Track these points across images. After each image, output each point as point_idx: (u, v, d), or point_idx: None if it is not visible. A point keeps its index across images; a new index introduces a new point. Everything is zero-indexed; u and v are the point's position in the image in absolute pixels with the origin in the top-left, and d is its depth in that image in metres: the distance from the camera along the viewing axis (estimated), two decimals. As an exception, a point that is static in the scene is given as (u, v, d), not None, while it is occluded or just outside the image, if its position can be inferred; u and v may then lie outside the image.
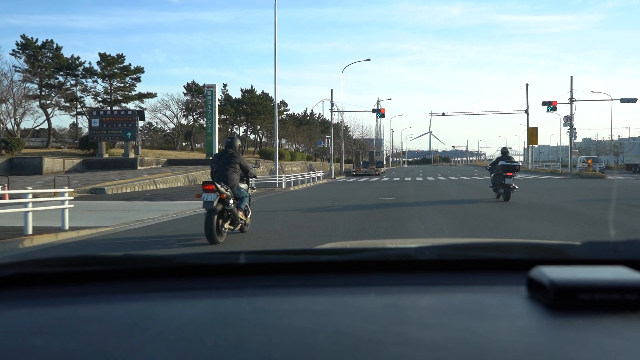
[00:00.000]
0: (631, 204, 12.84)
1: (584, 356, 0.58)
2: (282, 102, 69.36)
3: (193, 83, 53.64)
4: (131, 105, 47.39)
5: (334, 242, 4.48)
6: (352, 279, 0.95)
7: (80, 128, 51.41)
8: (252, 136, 66.73)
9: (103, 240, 8.41)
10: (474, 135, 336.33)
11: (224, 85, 59.87)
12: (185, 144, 54.99)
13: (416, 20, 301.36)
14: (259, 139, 66.96)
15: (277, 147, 26.00)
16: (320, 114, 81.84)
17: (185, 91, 54.11)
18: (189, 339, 0.65)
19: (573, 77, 37.40)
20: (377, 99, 66.38)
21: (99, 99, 48.88)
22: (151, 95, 49.89)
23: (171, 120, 55.00)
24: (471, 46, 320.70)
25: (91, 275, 0.95)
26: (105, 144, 38.13)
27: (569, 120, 38.77)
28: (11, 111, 38.81)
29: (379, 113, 45.47)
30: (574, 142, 77.69)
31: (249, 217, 8.33)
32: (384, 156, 67.65)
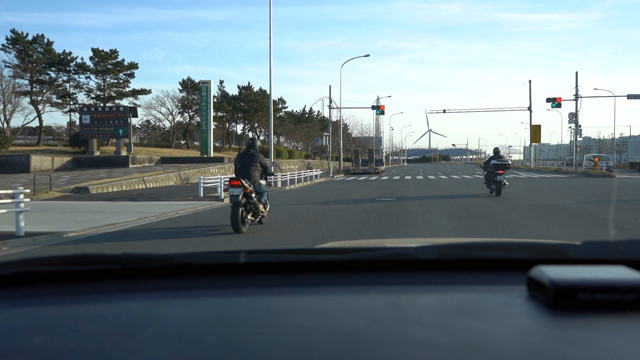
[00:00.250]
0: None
1: (584, 356, 0.58)
2: (280, 100, 68.19)
3: (189, 79, 52.38)
4: (125, 102, 46.18)
5: (333, 242, 4.14)
6: (352, 278, 0.95)
7: (77, 125, 50.28)
8: (250, 134, 65.59)
9: (57, 248, 7.31)
10: (474, 134, 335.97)
11: (220, 81, 58.75)
12: (184, 142, 53.73)
13: (416, 18, 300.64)
14: (256, 137, 65.78)
15: (272, 144, 24.92)
16: (319, 111, 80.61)
17: (180, 88, 52.87)
18: (189, 338, 0.64)
19: (574, 75, 36.25)
20: (377, 97, 65.22)
21: (92, 95, 47.76)
22: (145, 92, 48.74)
23: (166, 117, 53.85)
24: (471, 44, 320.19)
25: (91, 274, 0.95)
26: (97, 141, 36.99)
27: (574, 117, 37.68)
28: (0, 108, 37.70)
29: (378, 110, 44.34)
30: (573, 142, 77.33)
31: (267, 209, 9.06)
32: (384, 154, 66.52)
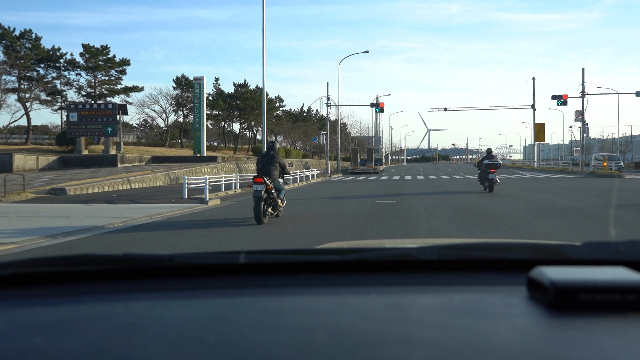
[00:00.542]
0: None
1: (584, 356, 0.58)
2: (277, 98, 66.76)
3: (183, 77, 50.93)
4: (117, 100, 44.74)
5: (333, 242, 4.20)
6: (353, 278, 0.95)
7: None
8: (248, 133, 64.18)
9: None
10: (474, 133, 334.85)
11: (215, 79, 57.55)
12: (184, 140, 52.20)
13: (415, 17, 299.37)
14: (252, 136, 64.29)
15: (265, 141, 23.53)
16: (317, 110, 79.18)
17: (175, 85, 51.44)
18: (189, 338, 0.64)
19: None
20: (376, 96, 63.82)
21: (83, 92, 46.32)
22: (137, 89, 47.29)
23: (160, 115, 52.42)
24: (470, 44, 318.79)
25: (91, 274, 0.95)
26: (85, 139, 35.55)
27: (580, 115, 36.33)
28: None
29: (377, 107, 42.95)
30: (575, 141, 75.79)
31: (284, 204, 10.08)
32: (383, 154, 65.14)
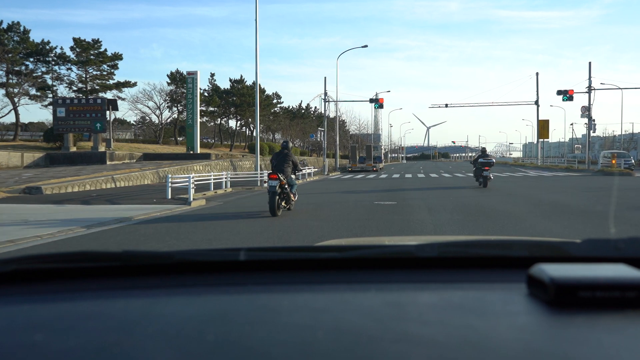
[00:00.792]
0: None
1: (584, 353, 0.58)
2: (275, 94, 65.49)
3: (177, 72, 49.57)
4: (109, 95, 43.48)
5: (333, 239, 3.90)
6: (352, 276, 0.94)
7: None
8: (246, 131, 62.92)
9: None
10: (474, 131, 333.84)
11: (211, 74, 55.84)
12: (179, 138, 50.80)
13: (414, 15, 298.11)
14: (250, 133, 62.95)
15: (258, 137, 22.34)
16: (316, 107, 77.90)
17: (169, 81, 50.13)
18: (189, 335, 0.64)
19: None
20: (376, 93, 62.54)
21: (74, 87, 45.02)
22: (130, 84, 45.94)
23: (154, 111, 51.11)
24: (469, 41, 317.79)
25: (91, 271, 0.94)
26: (73, 136, 34.25)
27: (586, 111, 35.11)
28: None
29: (376, 103, 41.66)
30: (576, 139, 74.46)
31: (296, 198, 11.01)
32: (382, 151, 63.84)
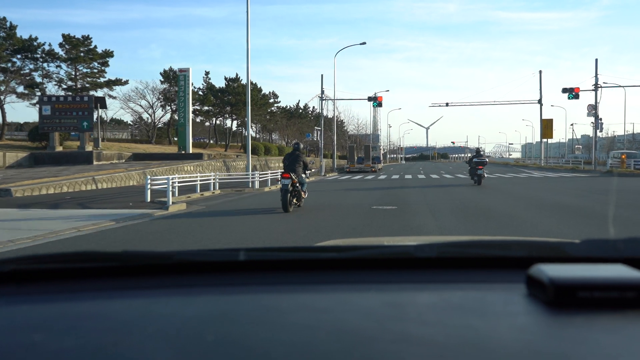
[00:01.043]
0: None
1: (583, 353, 0.58)
2: (272, 94, 64.18)
3: (170, 70, 48.14)
4: (100, 94, 42.08)
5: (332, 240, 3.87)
6: (352, 276, 0.94)
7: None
8: (244, 131, 61.52)
9: None
10: (473, 132, 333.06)
11: (205, 73, 54.82)
12: (175, 138, 49.37)
13: (413, 16, 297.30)
14: (246, 132, 61.58)
15: (249, 137, 21.03)
16: (314, 107, 76.47)
17: (162, 79, 48.73)
18: (189, 335, 0.64)
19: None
20: (374, 93, 61.15)
21: (63, 86, 43.58)
22: (121, 83, 44.55)
23: (146, 110, 49.72)
24: (468, 43, 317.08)
25: (90, 271, 0.94)
26: (60, 135, 32.86)
27: (593, 110, 33.84)
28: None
29: (375, 102, 40.32)
30: (576, 139, 73.26)
31: (306, 195, 12.22)
32: (381, 152, 62.50)
